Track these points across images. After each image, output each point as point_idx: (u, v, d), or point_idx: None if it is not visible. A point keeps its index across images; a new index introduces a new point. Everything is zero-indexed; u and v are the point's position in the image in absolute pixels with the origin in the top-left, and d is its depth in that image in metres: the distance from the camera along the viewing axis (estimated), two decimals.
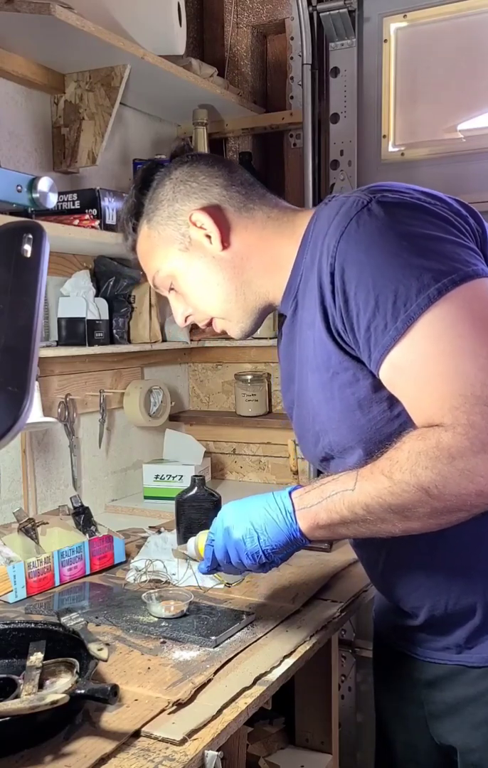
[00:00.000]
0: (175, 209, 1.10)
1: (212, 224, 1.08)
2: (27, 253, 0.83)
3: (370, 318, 0.88)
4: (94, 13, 1.63)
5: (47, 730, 0.96)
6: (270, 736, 1.84)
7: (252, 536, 1.00)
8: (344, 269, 0.91)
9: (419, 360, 0.86)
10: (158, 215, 1.12)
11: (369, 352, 0.90)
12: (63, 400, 1.89)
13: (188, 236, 1.10)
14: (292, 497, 0.99)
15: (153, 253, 1.15)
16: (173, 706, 1.02)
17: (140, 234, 1.16)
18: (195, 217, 1.08)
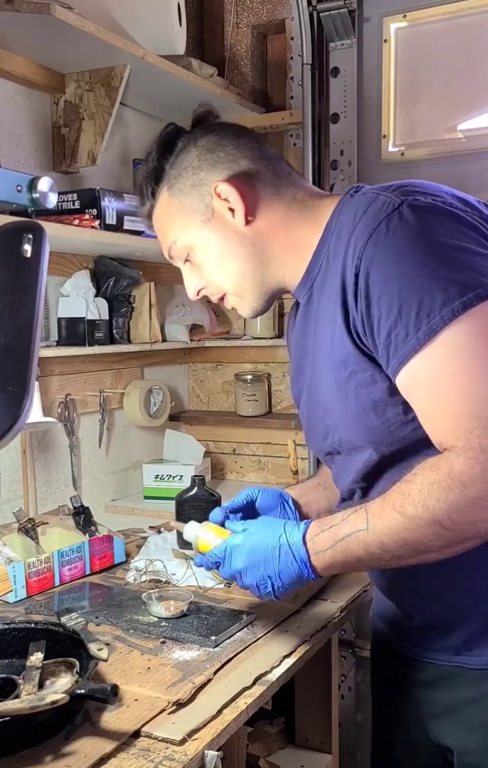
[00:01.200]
0: (199, 178, 1.06)
1: (237, 198, 1.04)
2: (27, 253, 0.83)
3: (392, 325, 0.87)
4: (94, 13, 1.63)
5: (47, 730, 0.96)
6: (270, 736, 1.84)
7: (266, 583, 1.00)
8: (369, 273, 0.89)
9: (436, 374, 0.85)
10: (181, 182, 1.07)
11: (388, 359, 0.90)
12: (63, 400, 1.89)
13: (211, 207, 1.06)
14: (306, 543, 0.97)
15: (172, 221, 1.10)
16: (173, 706, 1.02)
17: (159, 200, 1.11)
18: (220, 188, 1.04)
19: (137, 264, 2.06)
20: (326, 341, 1.00)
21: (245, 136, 1.09)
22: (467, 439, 0.82)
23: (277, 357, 2.34)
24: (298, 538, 0.98)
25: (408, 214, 0.89)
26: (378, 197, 0.93)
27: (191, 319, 2.21)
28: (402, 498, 0.86)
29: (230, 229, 1.06)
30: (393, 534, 0.87)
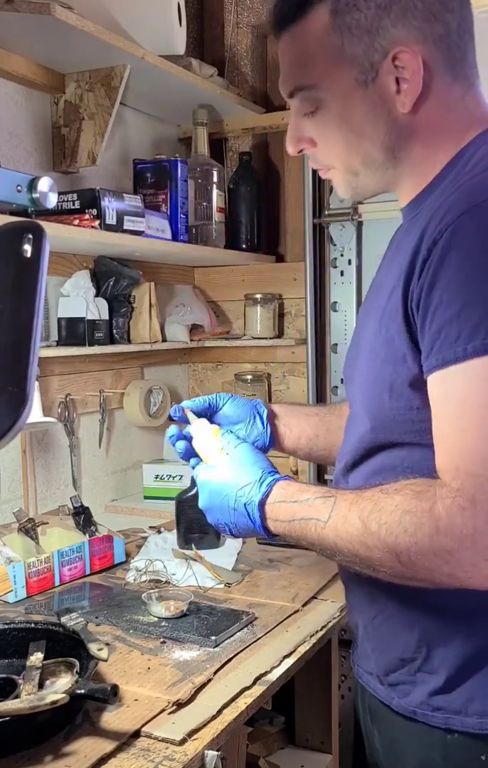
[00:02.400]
0: (381, 25, 0.81)
1: (418, 75, 0.81)
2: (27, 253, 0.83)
3: (447, 321, 0.75)
4: (94, 13, 1.62)
5: (47, 730, 0.96)
6: (270, 736, 1.84)
7: (224, 528, 0.98)
8: (449, 251, 0.75)
9: (466, 395, 0.74)
10: (353, 17, 0.81)
11: (429, 353, 0.78)
12: (63, 400, 1.89)
13: (376, 70, 0.82)
14: (263, 508, 0.91)
15: (320, 58, 0.84)
16: (173, 706, 1.02)
17: (310, 21, 0.84)
18: (404, 56, 0.81)
19: (137, 264, 2.06)
20: (386, 286, 0.87)
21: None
22: (462, 482, 0.73)
23: (277, 357, 2.34)
24: (255, 504, 0.92)
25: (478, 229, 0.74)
26: None
27: (191, 319, 2.21)
28: (372, 509, 0.79)
29: (386, 106, 0.84)
30: (347, 541, 0.81)
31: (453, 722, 0.88)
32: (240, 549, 1.67)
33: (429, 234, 0.78)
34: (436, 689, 0.88)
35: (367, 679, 1.00)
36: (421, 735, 0.91)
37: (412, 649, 0.90)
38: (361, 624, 0.99)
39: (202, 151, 2.13)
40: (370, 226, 2.12)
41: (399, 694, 0.93)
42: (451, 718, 0.88)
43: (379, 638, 0.95)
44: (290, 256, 2.33)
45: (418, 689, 0.90)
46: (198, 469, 1.02)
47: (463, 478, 0.73)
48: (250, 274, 2.34)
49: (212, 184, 2.12)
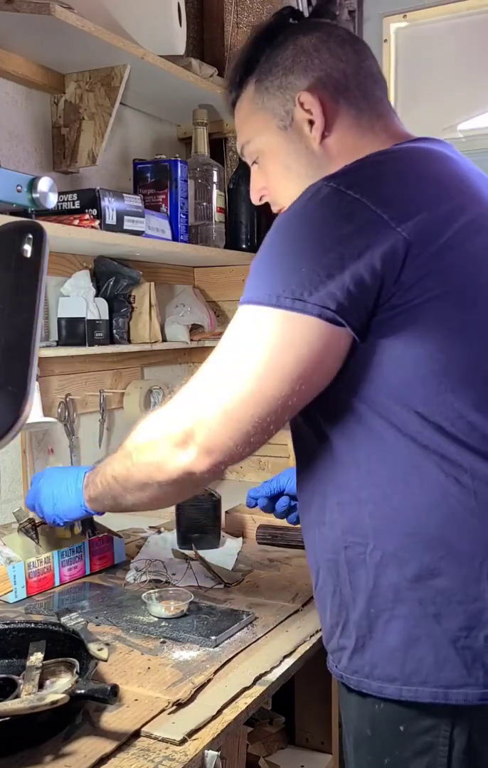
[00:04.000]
0: (288, 81, 1.01)
1: (319, 112, 0.99)
2: (27, 253, 0.83)
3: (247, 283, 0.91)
4: (94, 13, 1.63)
5: (47, 730, 0.96)
6: (270, 736, 1.84)
7: (48, 503, 1.21)
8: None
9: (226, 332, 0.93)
10: (269, 80, 1.02)
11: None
12: (63, 400, 1.89)
13: (291, 115, 1.01)
14: (86, 475, 1.13)
15: (251, 118, 1.06)
16: (173, 706, 1.02)
17: (244, 91, 1.06)
18: (304, 97, 0.99)
19: (137, 264, 2.06)
20: None
21: (349, 45, 1.02)
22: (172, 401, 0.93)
23: None
24: (83, 472, 1.15)
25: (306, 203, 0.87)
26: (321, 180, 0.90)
27: (191, 319, 2.21)
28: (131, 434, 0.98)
29: (304, 142, 1.01)
30: (110, 464, 1.02)
31: (364, 685, 0.93)
32: (240, 549, 1.67)
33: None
34: (351, 652, 0.95)
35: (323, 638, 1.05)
36: (358, 706, 0.96)
37: (335, 613, 0.98)
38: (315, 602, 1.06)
39: (202, 151, 2.13)
40: None
41: (335, 662, 0.99)
42: (363, 681, 0.93)
43: (321, 609, 1.02)
44: None
45: (344, 654, 0.97)
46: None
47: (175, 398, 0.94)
48: None
49: (212, 184, 2.12)
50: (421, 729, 0.90)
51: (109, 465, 1.04)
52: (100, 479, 1.07)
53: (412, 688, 0.89)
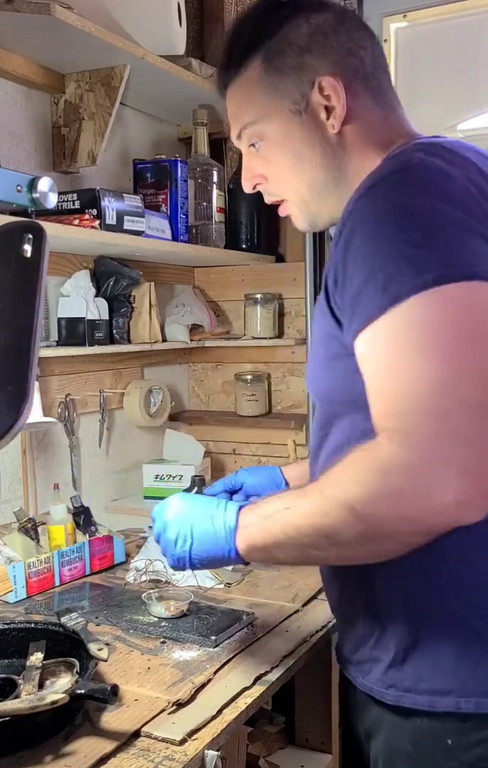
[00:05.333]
0: (304, 62, 0.92)
1: (341, 98, 0.92)
2: (27, 253, 0.83)
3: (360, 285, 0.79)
4: (94, 13, 1.62)
5: (47, 730, 0.96)
6: (270, 736, 1.84)
7: (185, 540, 0.93)
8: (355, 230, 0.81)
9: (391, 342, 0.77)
10: (281, 60, 0.93)
11: (350, 321, 0.82)
12: (63, 400, 1.89)
13: (307, 99, 0.93)
14: (239, 513, 0.91)
15: (256, 100, 0.95)
16: (173, 706, 1.03)
17: (247, 71, 0.95)
18: (326, 82, 0.91)
19: (137, 264, 2.06)
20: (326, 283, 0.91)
21: (363, 30, 0.96)
22: (401, 423, 0.74)
23: (277, 357, 2.34)
24: (234, 508, 0.91)
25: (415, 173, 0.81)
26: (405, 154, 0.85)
27: (191, 319, 2.21)
28: (324, 479, 0.81)
29: (319, 130, 0.93)
30: (308, 515, 0.80)
31: (406, 700, 0.88)
32: None
33: (338, 227, 0.85)
34: (388, 665, 0.90)
35: (345, 666, 1.00)
36: (393, 722, 0.91)
37: (370, 624, 0.92)
38: (335, 611, 1.02)
39: (202, 151, 2.13)
40: None
41: (362, 673, 0.94)
42: (403, 696, 0.88)
43: (345, 620, 0.98)
44: (290, 256, 2.33)
45: (376, 666, 0.91)
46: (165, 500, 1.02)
47: (399, 418, 0.75)
48: (250, 274, 2.34)
49: (212, 184, 2.12)
50: (473, 741, 0.85)
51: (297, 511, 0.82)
52: (276, 527, 0.84)
53: (471, 699, 0.84)
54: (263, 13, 0.95)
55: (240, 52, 0.95)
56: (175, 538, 0.94)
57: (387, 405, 0.77)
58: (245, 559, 0.90)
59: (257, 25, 0.95)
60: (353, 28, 0.94)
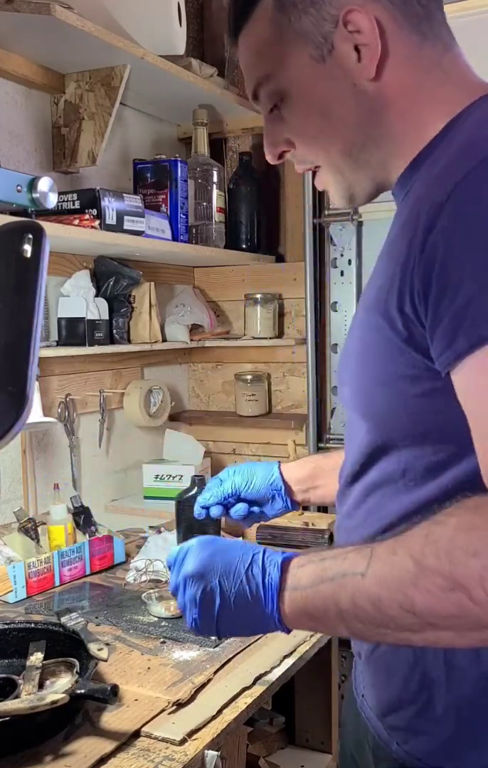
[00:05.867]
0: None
1: (373, 32, 0.72)
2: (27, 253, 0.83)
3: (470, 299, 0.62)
4: (94, 13, 1.62)
5: (47, 730, 0.96)
6: (270, 736, 1.84)
7: (212, 597, 0.74)
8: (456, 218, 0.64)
9: None
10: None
11: (450, 340, 0.64)
12: (63, 400, 1.89)
13: (331, 41, 0.74)
14: (286, 568, 0.72)
15: (271, 48, 0.78)
16: (173, 706, 1.03)
17: (257, 12, 0.78)
18: (353, 15, 0.72)
19: (137, 264, 2.06)
20: (379, 277, 0.75)
21: None
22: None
23: (277, 357, 2.34)
24: (277, 561, 0.73)
25: None
26: None
27: (191, 319, 2.21)
28: (424, 541, 0.62)
29: (348, 78, 0.75)
30: (397, 590, 0.62)
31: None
32: None
33: (423, 210, 0.67)
34: (444, 739, 0.75)
35: (369, 713, 0.85)
36: None
37: (413, 689, 0.77)
38: (363, 652, 0.85)
39: (202, 151, 2.13)
40: (370, 226, 2.12)
41: (399, 739, 0.79)
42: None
43: (378, 672, 0.82)
44: (290, 256, 2.33)
45: (421, 737, 0.77)
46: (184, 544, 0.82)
47: None
48: (250, 274, 2.34)
49: (212, 184, 2.12)
50: None
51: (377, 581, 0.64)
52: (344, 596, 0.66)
53: None
54: None
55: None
56: (199, 597, 0.74)
57: None
58: (287, 626, 0.72)
59: None
60: None
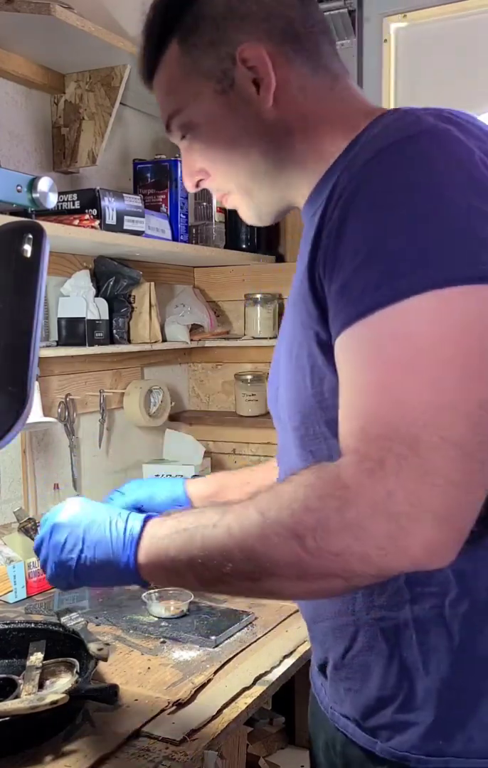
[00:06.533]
0: (221, 35, 0.81)
1: (268, 67, 0.79)
2: (27, 253, 0.83)
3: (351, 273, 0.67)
4: (94, 13, 1.62)
5: (47, 730, 0.96)
6: (270, 736, 1.84)
7: (75, 545, 0.80)
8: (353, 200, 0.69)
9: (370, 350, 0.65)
10: (197, 36, 0.82)
11: (335, 313, 0.69)
12: (63, 400, 1.89)
13: (231, 77, 0.81)
14: (147, 522, 0.78)
15: (179, 85, 0.85)
16: (173, 706, 1.03)
17: (166, 55, 0.86)
18: (247, 52, 0.80)
19: (137, 264, 2.06)
20: (297, 274, 0.80)
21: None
22: (369, 447, 0.63)
23: None
24: (141, 517, 0.79)
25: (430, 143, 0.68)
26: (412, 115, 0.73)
27: (191, 319, 2.21)
28: (269, 497, 0.68)
29: (251, 108, 0.82)
30: (241, 539, 0.67)
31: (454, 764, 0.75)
32: None
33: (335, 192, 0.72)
34: (428, 726, 0.76)
35: (344, 723, 0.84)
36: None
37: (391, 683, 0.78)
38: (331, 661, 0.86)
39: None
40: None
41: (382, 739, 0.79)
42: (451, 761, 0.75)
43: (352, 677, 0.82)
44: (290, 256, 2.33)
45: (407, 731, 0.77)
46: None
47: (368, 441, 0.63)
48: (250, 274, 2.34)
49: None
50: None
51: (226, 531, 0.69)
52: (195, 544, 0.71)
53: None
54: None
55: (156, 35, 0.86)
56: (62, 542, 0.80)
57: (354, 421, 0.66)
58: (143, 576, 0.77)
59: (169, 2, 0.85)
60: None
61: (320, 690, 0.93)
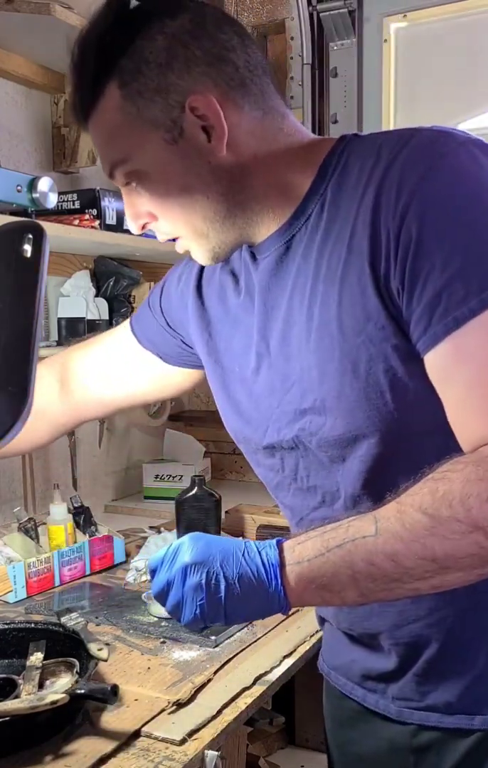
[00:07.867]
0: (168, 82, 0.78)
1: (217, 115, 0.78)
2: (27, 253, 0.83)
3: (446, 281, 0.70)
4: None
5: (47, 730, 0.96)
6: (270, 736, 1.84)
7: (218, 582, 0.74)
8: (423, 216, 0.71)
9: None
10: (142, 83, 0.78)
11: (428, 323, 0.71)
12: None
13: (180, 125, 0.79)
14: (281, 547, 0.75)
15: (121, 132, 0.82)
16: (173, 706, 1.02)
17: (105, 99, 0.80)
18: (196, 101, 0.78)
19: (137, 264, 2.05)
20: (328, 303, 0.79)
21: (228, 26, 0.81)
22: None
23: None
24: (272, 543, 0.76)
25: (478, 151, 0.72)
26: (419, 132, 0.75)
27: None
28: (432, 497, 0.68)
29: (203, 156, 0.80)
30: (414, 540, 0.67)
31: None
32: None
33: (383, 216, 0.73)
34: None
35: (424, 716, 0.87)
36: None
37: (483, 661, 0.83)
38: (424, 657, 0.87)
39: None
40: None
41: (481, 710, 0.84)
42: None
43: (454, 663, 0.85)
44: None
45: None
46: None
47: None
48: None
49: None
50: None
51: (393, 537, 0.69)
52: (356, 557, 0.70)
53: None
54: (109, 26, 0.78)
55: (91, 76, 0.80)
56: (203, 581, 0.74)
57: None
58: (292, 601, 0.74)
59: (104, 41, 0.78)
60: (217, 28, 0.80)
61: (373, 698, 0.94)
